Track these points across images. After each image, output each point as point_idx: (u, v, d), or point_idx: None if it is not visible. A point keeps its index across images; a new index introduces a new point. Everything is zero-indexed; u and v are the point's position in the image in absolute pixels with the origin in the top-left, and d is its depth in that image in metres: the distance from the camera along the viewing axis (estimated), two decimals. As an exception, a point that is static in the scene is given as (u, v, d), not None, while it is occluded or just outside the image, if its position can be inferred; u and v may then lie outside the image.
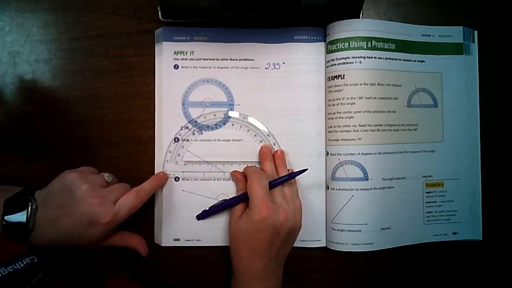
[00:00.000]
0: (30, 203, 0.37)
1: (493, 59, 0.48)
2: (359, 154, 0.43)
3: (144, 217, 0.45)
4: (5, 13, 0.46)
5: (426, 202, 0.46)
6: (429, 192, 0.46)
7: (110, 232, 0.39)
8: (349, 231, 0.44)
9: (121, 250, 0.41)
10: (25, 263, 0.33)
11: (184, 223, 0.45)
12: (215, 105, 0.46)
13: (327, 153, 0.45)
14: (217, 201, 0.45)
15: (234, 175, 0.45)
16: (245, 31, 0.46)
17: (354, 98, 0.43)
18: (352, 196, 0.44)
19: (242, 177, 0.44)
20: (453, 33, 0.47)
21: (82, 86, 0.46)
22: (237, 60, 0.46)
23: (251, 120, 0.46)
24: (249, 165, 0.45)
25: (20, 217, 0.37)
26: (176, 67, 0.46)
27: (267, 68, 0.46)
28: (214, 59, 0.46)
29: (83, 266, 0.41)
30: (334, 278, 0.47)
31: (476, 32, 0.48)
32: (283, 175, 0.43)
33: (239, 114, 0.46)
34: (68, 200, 0.37)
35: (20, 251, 0.35)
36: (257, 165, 0.45)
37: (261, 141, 0.46)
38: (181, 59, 0.46)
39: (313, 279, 0.47)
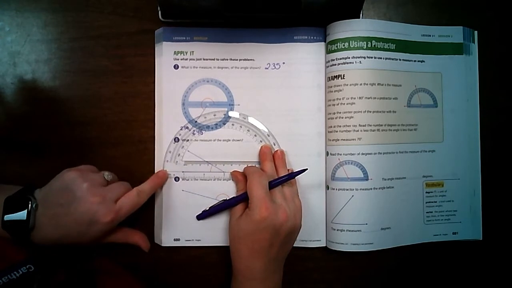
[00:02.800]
0: (30, 202, 0.37)
1: (493, 59, 0.48)
2: (359, 154, 0.43)
3: (144, 217, 0.45)
4: (5, 13, 0.46)
5: (426, 202, 0.46)
6: (429, 192, 0.46)
7: (111, 230, 0.39)
8: (349, 231, 0.44)
9: (119, 250, 0.41)
10: (21, 272, 0.33)
11: (184, 223, 0.45)
12: (215, 105, 0.46)
13: (327, 153, 0.45)
14: (217, 201, 0.45)
15: (234, 175, 0.45)
16: (245, 31, 0.46)
17: (354, 98, 0.43)
18: (352, 196, 0.44)
19: (242, 177, 0.44)
20: (453, 33, 0.47)
21: (82, 86, 0.46)
22: (237, 60, 0.46)
23: (251, 120, 0.46)
24: (249, 165, 0.45)
25: (20, 215, 0.37)
26: (176, 67, 0.46)
27: (267, 68, 0.46)
28: (214, 59, 0.46)
29: (80, 269, 0.41)
30: (334, 278, 0.47)
31: (476, 32, 0.48)
32: (283, 175, 0.43)
33: (239, 114, 0.46)
34: (68, 199, 0.37)
35: (18, 259, 0.34)
36: (257, 165, 0.45)
37: (261, 141, 0.46)
38: (181, 59, 0.46)
39: (313, 279, 0.47)
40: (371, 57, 0.43)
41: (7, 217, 0.37)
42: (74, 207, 0.37)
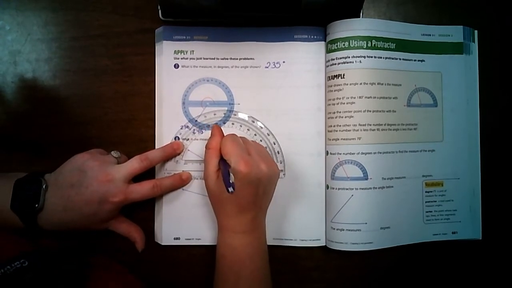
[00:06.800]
0: (41, 182, 0.38)
1: (493, 59, 0.48)
2: (358, 153, 0.43)
3: (144, 216, 0.45)
4: (5, 12, 0.46)
5: (426, 202, 0.46)
6: (428, 192, 0.46)
7: (118, 216, 0.41)
8: (349, 230, 0.44)
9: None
10: (14, 267, 0.33)
11: (184, 222, 0.45)
12: (215, 104, 0.46)
13: (327, 153, 0.45)
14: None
15: (213, 129, 0.43)
16: (245, 30, 0.46)
17: (354, 98, 0.43)
18: (352, 195, 0.44)
19: (218, 134, 0.42)
20: (453, 33, 0.47)
21: (82, 85, 0.46)
22: (237, 59, 0.46)
23: (251, 119, 0.46)
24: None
25: (29, 195, 0.38)
26: (176, 66, 0.46)
27: (267, 67, 0.46)
28: (214, 59, 0.46)
29: (75, 262, 0.41)
30: (334, 278, 0.47)
31: (476, 31, 0.47)
32: None
33: (239, 114, 0.46)
34: (79, 179, 0.38)
35: (14, 255, 0.35)
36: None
37: (261, 140, 0.46)
38: (181, 59, 0.46)
39: (313, 278, 0.47)
40: (371, 57, 0.43)
41: (17, 196, 0.38)
42: (85, 187, 0.38)
